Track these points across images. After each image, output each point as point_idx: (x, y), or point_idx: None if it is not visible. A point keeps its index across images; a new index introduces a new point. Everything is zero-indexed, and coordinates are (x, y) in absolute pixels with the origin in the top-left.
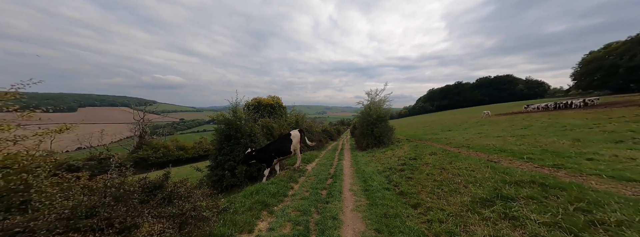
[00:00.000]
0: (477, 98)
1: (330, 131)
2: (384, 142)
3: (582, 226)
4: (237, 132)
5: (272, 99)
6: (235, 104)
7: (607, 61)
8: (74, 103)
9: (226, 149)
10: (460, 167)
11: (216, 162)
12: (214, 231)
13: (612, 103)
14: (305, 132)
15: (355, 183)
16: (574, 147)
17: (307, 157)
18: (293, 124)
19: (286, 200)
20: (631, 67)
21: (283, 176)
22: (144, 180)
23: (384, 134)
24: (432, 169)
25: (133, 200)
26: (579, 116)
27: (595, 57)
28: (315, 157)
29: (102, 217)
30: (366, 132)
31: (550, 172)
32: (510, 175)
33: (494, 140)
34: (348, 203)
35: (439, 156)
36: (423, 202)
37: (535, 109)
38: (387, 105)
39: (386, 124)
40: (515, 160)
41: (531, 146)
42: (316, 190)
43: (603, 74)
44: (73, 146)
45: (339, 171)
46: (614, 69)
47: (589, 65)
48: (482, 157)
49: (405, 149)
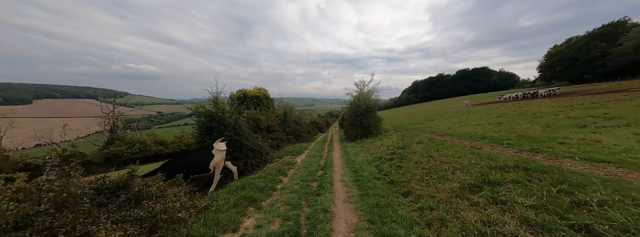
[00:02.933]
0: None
1: (319, 122)
2: (373, 132)
3: (567, 207)
4: (219, 125)
5: (258, 90)
6: (216, 94)
7: (568, 54)
8: (27, 94)
9: (208, 142)
10: (446, 154)
11: None
12: (193, 232)
13: (571, 92)
14: (293, 124)
15: (346, 174)
16: (545, 132)
17: (296, 150)
18: (281, 116)
19: (275, 194)
20: (587, 60)
21: (271, 169)
22: (101, 180)
23: (372, 124)
24: (420, 157)
25: (84, 204)
26: (545, 105)
27: (558, 50)
28: (305, 149)
29: (39, 228)
30: (355, 123)
31: (529, 156)
32: (495, 160)
33: (474, 128)
34: (339, 194)
35: (426, 144)
36: (413, 190)
37: (508, 99)
38: (375, 96)
39: (374, 115)
40: (496, 146)
41: (508, 133)
42: (306, 182)
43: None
44: (31, 142)
45: (329, 162)
46: (573, 62)
47: (553, 59)
48: (466, 145)
49: (393, 138)
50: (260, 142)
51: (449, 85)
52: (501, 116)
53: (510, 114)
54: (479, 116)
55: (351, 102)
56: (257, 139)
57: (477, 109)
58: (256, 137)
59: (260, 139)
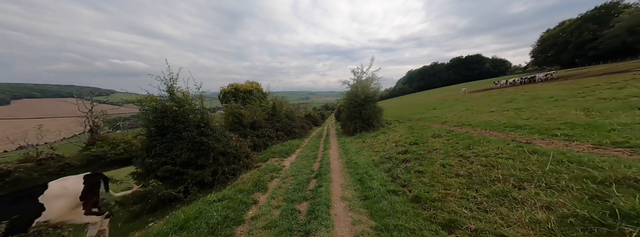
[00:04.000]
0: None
1: (315, 116)
2: (373, 124)
3: None
4: (176, 123)
5: (250, 84)
6: (169, 82)
7: (560, 38)
8: (4, 94)
9: (160, 147)
10: (486, 153)
11: (144, 167)
12: None
13: (568, 75)
14: (283, 119)
15: (348, 185)
16: (595, 117)
17: (286, 149)
18: (269, 110)
19: (238, 232)
20: (579, 43)
21: (246, 182)
22: None
23: (373, 115)
24: (446, 157)
25: None
26: (553, 88)
27: (551, 35)
28: (296, 147)
29: None
30: (353, 114)
31: (623, 154)
32: (590, 166)
33: (490, 115)
34: (341, 229)
35: (446, 138)
36: (459, 219)
37: (505, 85)
38: (375, 85)
39: (375, 105)
40: (549, 138)
41: (543, 120)
42: (292, 204)
43: (556, 51)
44: (12, 146)
45: (325, 166)
46: (565, 46)
47: (546, 43)
48: (502, 138)
49: (400, 131)
50: (238, 142)
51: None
52: (511, 102)
53: (520, 99)
54: (485, 103)
55: (348, 92)
56: (232, 139)
57: (477, 95)
58: (231, 136)
59: (238, 138)
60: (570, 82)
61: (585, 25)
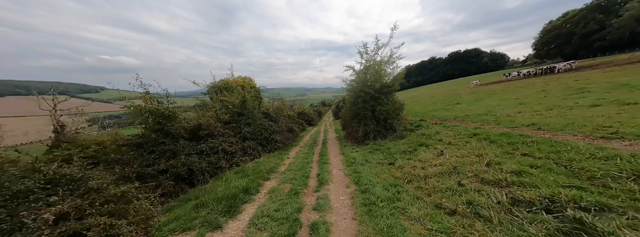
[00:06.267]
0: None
1: (310, 113)
2: (394, 127)
3: None
4: None
5: (242, 79)
6: None
7: (565, 29)
8: None
9: None
10: None
11: None
12: None
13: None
14: (259, 120)
15: None
16: None
17: (248, 183)
18: (236, 109)
19: None
20: (585, 34)
21: None
22: None
23: (392, 114)
24: None
25: None
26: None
27: (554, 26)
28: (272, 171)
29: None
30: (362, 113)
31: None
32: None
33: (582, 112)
34: None
35: (593, 162)
36: None
37: (517, 77)
38: (392, 69)
39: (394, 99)
40: None
41: None
42: None
43: (559, 43)
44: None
45: None
46: (569, 37)
47: (549, 35)
48: None
49: (457, 144)
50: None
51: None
52: (546, 96)
53: (555, 91)
54: (520, 96)
55: (354, 80)
56: None
57: (495, 88)
58: None
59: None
60: (603, 72)
61: (592, 15)
